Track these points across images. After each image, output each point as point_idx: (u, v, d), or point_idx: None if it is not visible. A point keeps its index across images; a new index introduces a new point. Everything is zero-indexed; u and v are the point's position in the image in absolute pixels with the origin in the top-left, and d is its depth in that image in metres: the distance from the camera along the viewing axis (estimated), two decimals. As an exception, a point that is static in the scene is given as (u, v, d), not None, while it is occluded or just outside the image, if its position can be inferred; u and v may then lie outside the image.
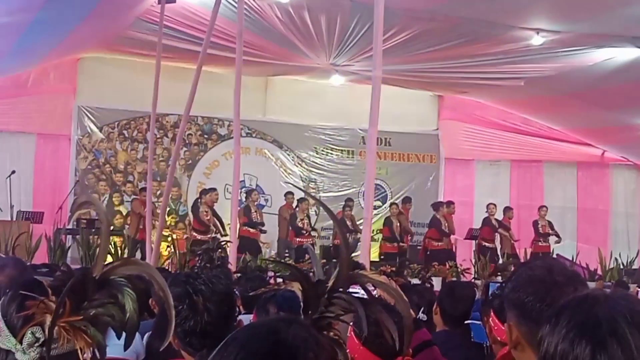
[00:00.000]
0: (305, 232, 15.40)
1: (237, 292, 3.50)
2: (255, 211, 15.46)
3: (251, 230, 15.14)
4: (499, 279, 11.82)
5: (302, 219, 15.48)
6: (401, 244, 16.01)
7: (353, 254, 8.32)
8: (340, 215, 15.22)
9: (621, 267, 14.11)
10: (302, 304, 1.48)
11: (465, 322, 4.38)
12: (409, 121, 18.29)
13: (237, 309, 3.09)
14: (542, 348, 1.39)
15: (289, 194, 16.07)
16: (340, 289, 1.47)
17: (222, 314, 2.58)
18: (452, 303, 4.44)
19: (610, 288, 9.73)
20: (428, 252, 15.78)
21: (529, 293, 1.93)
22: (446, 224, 16.01)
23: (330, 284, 1.47)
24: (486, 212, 16.48)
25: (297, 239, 15.31)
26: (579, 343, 1.32)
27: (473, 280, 12.69)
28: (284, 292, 3.74)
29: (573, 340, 1.33)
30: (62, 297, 1.54)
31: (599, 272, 14.00)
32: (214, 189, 15.17)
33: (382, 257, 15.61)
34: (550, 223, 16.29)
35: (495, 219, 16.39)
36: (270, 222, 15.85)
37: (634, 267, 14.15)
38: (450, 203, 16.56)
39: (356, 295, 1.49)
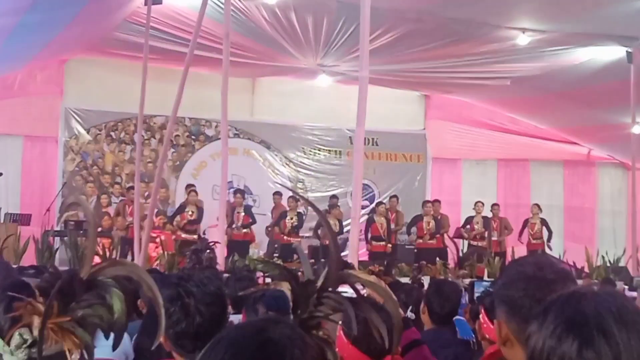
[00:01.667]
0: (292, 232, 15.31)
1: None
2: (238, 213, 15.21)
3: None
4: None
5: (291, 218, 15.40)
6: (388, 244, 15.90)
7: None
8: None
9: (608, 264, 14.13)
10: (291, 303, 1.48)
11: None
12: (396, 121, 18.33)
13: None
14: (530, 344, 1.39)
15: (276, 194, 16.06)
16: (330, 289, 1.47)
17: (214, 316, 2.58)
18: (440, 302, 4.43)
19: (597, 286, 9.76)
20: (415, 250, 15.77)
21: (519, 289, 1.93)
22: (430, 222, 15.93)
23: (319, 283, 1.47)
24: (474, 208, 16.44)
25: (285, 238, 15.21)
26: (565, 339, 1.32)
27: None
28: (273, 292, 3.75)
29: (560, 336, 1.33)
30: (51, 298, 1.53)
31: (586, 270, 14.03)
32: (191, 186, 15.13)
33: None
34: (543, 221, 16.24)
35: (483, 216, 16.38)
36: (259, 222, 15.80)
37: (620, 264, 14.17)
38: (435, 201, 16.49)
39: (345, 294, 1.49)
